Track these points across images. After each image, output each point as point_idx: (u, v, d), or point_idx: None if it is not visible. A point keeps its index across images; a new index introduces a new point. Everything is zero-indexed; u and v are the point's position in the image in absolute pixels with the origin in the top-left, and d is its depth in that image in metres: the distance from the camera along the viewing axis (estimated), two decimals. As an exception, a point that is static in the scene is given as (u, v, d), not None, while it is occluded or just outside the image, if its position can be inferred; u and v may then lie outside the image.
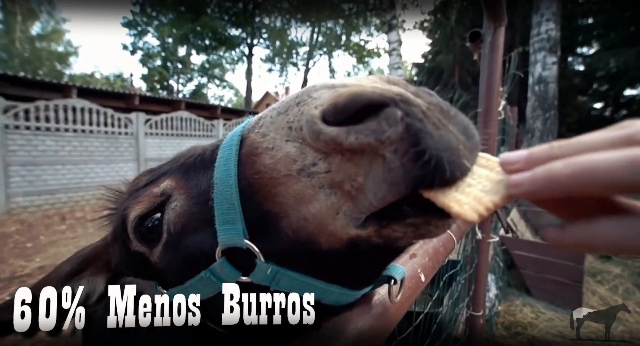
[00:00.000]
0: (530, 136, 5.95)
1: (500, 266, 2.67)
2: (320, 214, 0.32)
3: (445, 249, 0.72)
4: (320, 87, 0.33)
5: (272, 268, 0.36)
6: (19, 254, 3.96)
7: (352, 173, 0.29)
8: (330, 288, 0.37)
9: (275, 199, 0.34)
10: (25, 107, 5.26)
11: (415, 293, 0.53)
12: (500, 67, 1.53)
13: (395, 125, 0.26)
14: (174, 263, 0.46)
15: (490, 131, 1.55)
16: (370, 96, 0.27)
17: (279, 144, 0.34)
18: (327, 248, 0.34)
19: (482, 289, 1.53)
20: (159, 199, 0.46)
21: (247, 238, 0.36)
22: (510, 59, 2.20)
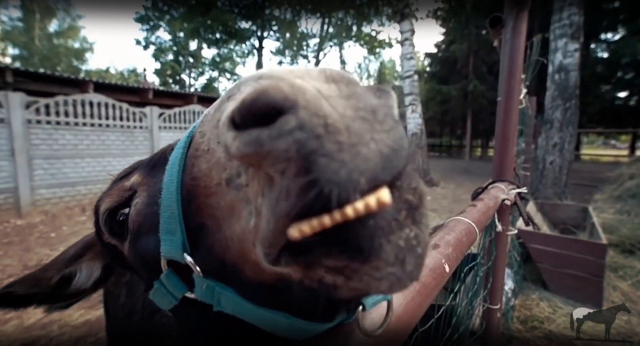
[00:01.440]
0: (549, 126, 5.73)
1: (517, 260, 2.61)
2: (243, 237, 0.27)
3: (468, 240, 0.70)
4: (248, 78, 0.28)
5: (208, 284, 0.31)
6: (44, 244, 4.15)
7: (255, 191, 0.24)
8: (278, 317, 0.31)
9: (208, 211, 0.30)
10: (46, 102, 5.42)
11: (440, 283, 0.52)
12: (522, 54, 1.47)
13: (278, 138, 0.20)
14: (137, 263, 0.43)
15: (511, 120, 1.50)
16: (271, 97, 0.21)
17: (213, 146, 0.29)
18: (255, 280, 0.29)
19: (499, 282, 1.50)
20: (127, 193, 0.43)
21: (187, 250, 0.32)
22: (531, 45, 2.11)
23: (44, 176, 5.46)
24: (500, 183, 1.39)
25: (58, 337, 2.25)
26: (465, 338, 1.29)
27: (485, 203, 1.00)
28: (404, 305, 0.41)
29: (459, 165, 16.89)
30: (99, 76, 33.61)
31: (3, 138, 4.96)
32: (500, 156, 1.49)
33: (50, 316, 2.52)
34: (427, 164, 9.79)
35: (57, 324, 2.40)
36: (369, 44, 19.67)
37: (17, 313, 2.35)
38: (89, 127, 6.05)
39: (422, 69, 24.08)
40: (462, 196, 7.99)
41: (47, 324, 2.40)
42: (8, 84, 6.48)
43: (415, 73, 9.72)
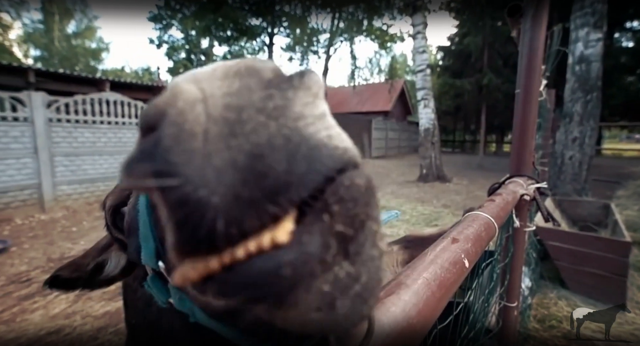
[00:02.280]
0: (569, 120, 5.52)
1: (533, 257, 2.55)
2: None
3: (487, 235, 0.68)
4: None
5: (181, 295, 0.30)
6: (66, 238, 4.31)
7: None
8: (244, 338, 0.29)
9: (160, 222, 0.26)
10: (66, 101, 5.60)
11: (460, 278, 0.51)
12: (543, 44, 1.41)
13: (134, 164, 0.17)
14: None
15: (530, 113, 1.45)
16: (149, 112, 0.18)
17: None
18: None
19: (517, 280, 1.46)
20: (125, 192, 0.43)
21: (160, 258, 0.30)
22: (551, 35, 2.02)
23: (65, 173, 5.66)
24: (519, 178, 1.35)
25: (81, 326, 2.35)
26: (481, 336, 1.27)
27: (503, 198, 0.98)
28: (424, 300, 0.40)
29: (472, 161, 16.53)
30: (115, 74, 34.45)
31: (27, 136, 5.17)
32: (518, 150, 1.45)
33: (73, 306, 2.63)
34: (439, 160, 9.62)
35: (80, 314, 2.50)
36: (379, 39, 19.35)
37: (42, 303, 2.45)
38: (106, 125, 6.22)
39: (434, 63, 23.57)
40: (476, 192, 7.83)
41: (71, 314, 2.51)
42: (31, 84, 6.72)
43: (428, 67, 9.52)
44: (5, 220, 4.87)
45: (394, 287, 0.41)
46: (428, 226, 4.97)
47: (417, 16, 9.50)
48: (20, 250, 3.84)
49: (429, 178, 9.35)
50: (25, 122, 5.14)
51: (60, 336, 2.24)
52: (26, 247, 3.95)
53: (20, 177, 5.12)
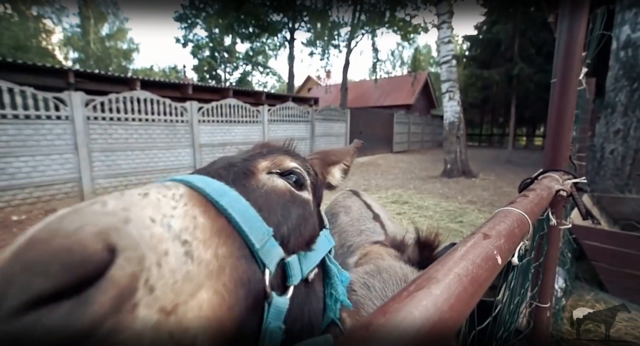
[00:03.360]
0: (611, 111, 5.11)
1: (568, 257, 2.41)
2: None
3: (521, 231, 0.65)
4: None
5: None
6: (103, 228, 4.62)
7: None
8: None
9: None
10: (101, 100, 5.95)
11: (492, 275, 0.49)
12: (584, 28, 1.31)
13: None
14: None
15: (568, 103, 1.36)
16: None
17: None
18: None
19: (550, 280, 1.40)
20: None
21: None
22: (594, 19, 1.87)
23: (101, 167, 6.04)
24: (554, 173, 1.27)
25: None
26: (511, 336, 1.22)
27: (537, 194, 0.93)
28: (457, 295, 0.39)
29: (500, 155, 15.78)
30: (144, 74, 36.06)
31: (68, 133, 5.56)
32: (553, 143, 1.36)
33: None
34: (465, 155, 9.28)
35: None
36: (402, 30, 18.78)
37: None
38: (137, 122, 6.54)
39: (460, 54, 22.58)
40: (505, 188, 7.49)
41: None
42: (71, 85, 7.20)
43: (453, 58, 9.14)
44: (52, 211, 5.30)
45: (424, 281, 0.41)
46: (452, 222, 4.84)
47: (443, 5, 9.11)
48: (64, 239, 4.17)
49: (453, 173, 9.06)
50: (66, 120, 5.53)
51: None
52: (69, 236, 4.27)
53: (63, 171, 5.54)
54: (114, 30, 32.16)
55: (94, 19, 28.32)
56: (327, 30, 19.85)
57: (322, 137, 12.11)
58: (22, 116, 5.05)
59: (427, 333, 0.33)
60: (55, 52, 28.61)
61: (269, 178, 0.55)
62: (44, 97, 5.28)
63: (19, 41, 23.13)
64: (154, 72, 39.25)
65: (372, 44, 19.63)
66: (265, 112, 9.48)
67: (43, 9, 26.16)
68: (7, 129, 4.91)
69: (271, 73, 34.36)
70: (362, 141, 1.02)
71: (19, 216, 4.96)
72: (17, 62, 6.53)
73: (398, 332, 0.31)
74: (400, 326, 0.32)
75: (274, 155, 0.60)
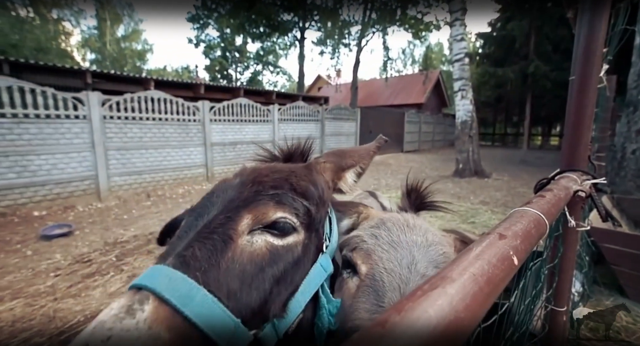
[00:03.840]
0: (633, 110, 4.91)
1: (586, 260, 2.33)
2: None
3: (537, 232, 0.64)
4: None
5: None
6: (118, 224, 4.75)
7: None
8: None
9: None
10: (117, 99, 6.11)
11: (508, 276, 0.48)
12: (605, 23, 1.27)
13: None
14: None
15: (587, 101, 1.32)
16: None
17: None
18: None
19: (566, 283, 1.36)
20: None
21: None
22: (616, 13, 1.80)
23: (117, 165, 6.21)
24: (572, 173, 1.24)
25: (133, 305, 2.59)
26: (524, 339, 1.20)
27: (554, 194, 0.91)
28: (472, 294, 0.39)
29: (514, 155, 15.42)
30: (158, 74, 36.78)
31: (86, 132, 5.73)
32: (572, 142, 1.33)
33: (126, 286, 2.90)
34: (477, 154, 9.10)
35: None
36: (414, 28, 18.53)
37: (101, 281, 2.72)
38: (151, 122, 6.69)
39: (473, 51, 22.13)
40: (518, 189, 7.31)
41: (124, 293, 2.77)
42: (88, 85, 7.42)
43: (466, 56, 8.97)
44: (70, 207, 5.48)
45: (438, 280, 0.41)
46: (464, 223, 4.76)
47: (455, 2, 8.95)
48: (82, 234, 4.31)
49: (465, 173, 8.90)
50: (84, 119, 5.70)
51: (116, 312, 2.49)
52: (87, 231, 4.42)
53: (81, 169, 5.72)
54: (129, 32, 32.90)
55: (110, 20, 29.07)
56: (337, 29, 19.78)
57: (332, 136, 12.10)
58: (43, 116, 5.24)
59: (442, 332, 0.33)
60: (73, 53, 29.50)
61: (249, 241, 0.56)
62: (64, 97, 5.45)
63: (40, 43, 23.95)
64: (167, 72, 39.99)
65: (383, 43, 19.44)
66: (276, 112, 9.54)
67: (62, 11, 27.00)
68: (29, 128, 5.10)
69: (281, 72, 34.50)
70: (386, 138, 0.96)
71: (40, 211, 5.15)
72: (38, 64, 6.76)
73: (414, 330, 0.31)
74: (416, 325, 0.32)
75: (259, 206, 0.58)
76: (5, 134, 4.87)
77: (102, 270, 3.22)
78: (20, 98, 5.00)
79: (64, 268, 3.26)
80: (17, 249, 3.75)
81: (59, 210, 5.32)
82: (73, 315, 2.45)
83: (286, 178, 0.66)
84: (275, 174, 0.66)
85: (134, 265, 3.33)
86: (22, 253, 3.64)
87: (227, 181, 0.67)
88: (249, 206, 0.58)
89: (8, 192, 4.95)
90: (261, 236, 0.57)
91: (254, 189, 0.61)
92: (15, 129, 4.97)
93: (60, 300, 2.65)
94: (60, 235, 4.16)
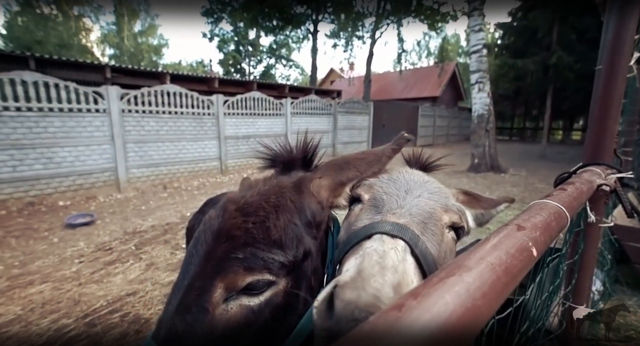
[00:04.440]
0: (664, 103, 4.64)
1: (608, 258, 2.25)
2: None
3: (558, 225, 0.62)
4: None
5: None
6: (137, 215, 4.92)
7: None
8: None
9: None
10: (135, 93, 6.27)
11: (526, 267, 0.48)
12: (638, 8, 1.20)
13: None
14: None
15: (614, 91, 1.26)
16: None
17: None
18: None
19: (586, 280, 1.32)
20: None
21: None
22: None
23: (135, 158, 6.40)
24: (595, 167, 1.19)
25: (151, 291, 2.70)
26: (540, 335, 1.18)
27: (576, 187, 0.88)
28: (489, 283, 0.39)
29: (533, 150, 14.91)
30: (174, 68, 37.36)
31: (106, 125, 5.92)
32: (596, 134, 1.27)
33: (145, 274, 3.02)
34: (494, 149, 8.85)
35: (150, 281, 2.87)
36: (429, 19, 17.99)
37: (122, 269, 2.84)
38: (167, 115, 6.84)
39: (492, 42, 21.33)
40: (536, 185, 7.09)
41: (143, 280, 2.89)
42: (107, 80, 7.63)
43: (484, 47, 8.66)
44: (92, 197, 5.72)
45: (454, 268, 0.40)
46: (479, 219, 4.65)
47: (475, -10, 8.62)
48: (103, 223, 4.50)
49: (481, 168, 8.69)
50: (104, 113, 5.88)
51: (136, 297, 2.60)
52: (107, 221, 4.60)
53: (102, 161, 5.93)
54: (145, 27, 33.48)
55: (127, 16, 29.64)
56: (351, 21, 19.45)
57: (344, 130, 12.03)
58: (66, 109, 5.44)
59: (459, 318, 0.33)
60: (93, 49, 30.35)
61: (224, 310, 0.57)
62: (85, 91, 5.64)
63: (62, 40, 24.77)
64: (182, 67, 40.57)
65: (398, 34, 19.02)
66: (288, 105, 9.55)
67: (83, 8, 27.74)
68: (54, 122, 5.32)
69: (294, 66, 34.39)
70: (409, 136, 0.86)
71: (65, 201, 5.39)
72: (62, 59, 7.00)
73: (431, 314, 0.32)
74: (433, 309, 0.32)
75: (229, 274, 0.57)
76: (32, 127, 5.10)
77: (122, 258, 3.36)
78: (45, 92, 5.20)
79: (87, 255, 3.42)
80: (44, 237, 3.95)
81: (81, 200, 5.56)
82: (96, 299, 2.58)
83: (262, 223, 0.62)
84: (252, 217, 0.62)
85: (151, 254, 3.45)
86: (49, 240, 3.84)
87: (212, 219, 0.66)
88: (220, 273, 0.58)
89: (35, 182, 5.20)
90: (236, 302, 0.58)
91: (226, 246, 0.60)
92: (41, 123, 5.19)
93: (84, 285, 2.79)
94: (83, 224, 4.35)
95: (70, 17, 26.65)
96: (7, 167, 4.92)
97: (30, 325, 2.26)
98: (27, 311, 2.42)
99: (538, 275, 0.90)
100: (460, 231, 0.77)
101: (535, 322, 1.00)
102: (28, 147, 5.07)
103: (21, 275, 2.97)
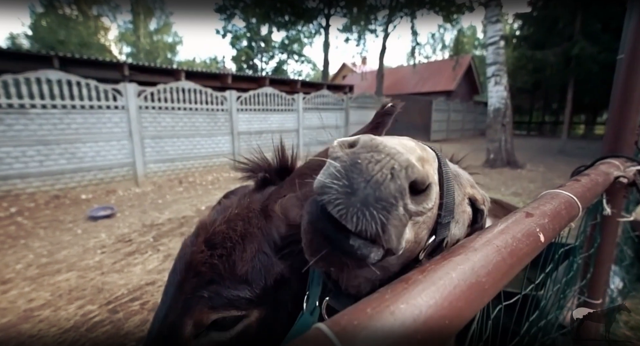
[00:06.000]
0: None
1: (628, 255, 2.19)
2: None
3: (568, 214, 0.63)
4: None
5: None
6: (154, 208, 5.09)
7: None
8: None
9: None
10: (152, 90, 6.44)
11: (533, 252, 0.49)
12: (664, -5, 1.15)
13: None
14: None
15: (636, 83, 1.22)
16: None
17: None
18: None
19: (603, 274, 1.30)
20: None
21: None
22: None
23: (152, 153, 6.60)
24: (614, 159, 1.16)
25: (169, 281, 2.81)
26: (553, 329, 1.18)
27: (591, 179, 0.87)
28: (494, 263, 0.40)
29: (552, 145, 14.41)
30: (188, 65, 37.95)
31: (124, 122, 6.12)
32: (616, 126, 1.24)
33: (162, 264, 3.14)
34: (511, 144, 8.62)
35: (168, 271, 2.98)
36: (444, 10, 17.50)
37: (141, 259, 2.96)
38: (182, 111, 6.99)
39: (509, 34, 20.58)
40: (555, 181, 6.88)
41: (161, 270, 3.01)
42: (125, 77, 7.85)
43: (502, 38, 8.39)
44: (112, 191, 5.95)
45: (460, 249, 0.42)
46: (494, 215, 4.58)
47: (492, -21, 8.33)
48: (123, 216, 4.68)
49: (497, 164, 8.49)
50: (122, 109, 6.08)
51: (155, 287, 2.72)
52: (126, 214, 4.79)
53: (121, 156, 6.14)
54: (160, 25, 34.09)
55: (143, 14, 30.27)
56: (363, 14, 19.19)
57: (356, 125, 11.96)
58: (87, 106, 5.66)
59: (463, 292, 0.35)
60: (111, 47, 31.19)
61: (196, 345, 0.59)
62: (104, 88, 5.84)
63: (83, 39, 25.59)
64: (196, 64, 41.15)
65: (411, 27, 18.63)
66: (300, 101, 9.57)
67: (102, 7, 28.51)
68: (76, 118, 5.54)
69: (306, 61, 34.31)
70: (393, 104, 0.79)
71: (87, 195, 5.63)
72: (83, 58, 7.25)
73: (436, 287, 0.34)
74: (438, 283, 0.35)
75: (195, 312, 0.58)
76: (57, 123, 5.33)
77: (141, 249, 3.50)
78: (68, 90, 5.42)
79: (109, 246, 3.58)
80: (69, 228, 4.16)
81: (102, 194, 5.79)
82: (118, 288, 2.71)
83: (228, 256, 0.60)
84: (218, 250, 0.61)
85: (169, 246, 3.58)
86: (73, 232, 4.04)
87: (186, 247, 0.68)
88: (189, 310, 0.59)
89: (60, 176, 5.45)
90: (206, 337, 0.59)
91: (194, 283, 0.60)
92: (65, 119, 5.42)
93: (106, 274, 2.93)
94: (104, 216, 4.54)
95: (90, 17, 27.46)
96: (35, 162, 5.18)
97: (59, 310, 2.40)
98: (56, 297, 2.58)
99: (548, 266, 0.90)
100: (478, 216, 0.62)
101: (546, 313, 1.00)
102: (53, 143, 5.32)
103: (49, 264, 3.15)
